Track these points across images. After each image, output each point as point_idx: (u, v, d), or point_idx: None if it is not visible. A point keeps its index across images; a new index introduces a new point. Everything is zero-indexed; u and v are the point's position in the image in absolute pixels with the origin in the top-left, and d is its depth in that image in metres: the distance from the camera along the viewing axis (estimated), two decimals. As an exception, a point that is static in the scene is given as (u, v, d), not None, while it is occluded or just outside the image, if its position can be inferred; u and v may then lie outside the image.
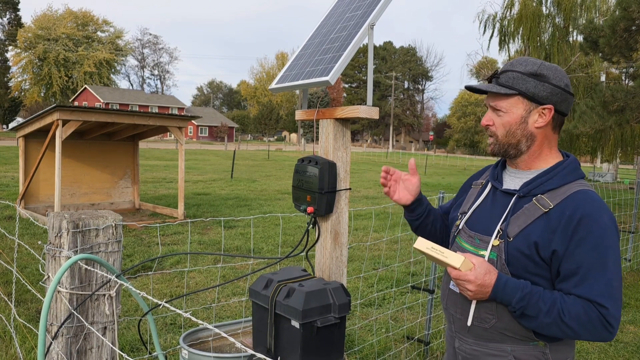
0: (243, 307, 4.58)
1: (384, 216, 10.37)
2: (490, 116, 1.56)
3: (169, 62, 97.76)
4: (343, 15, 2.21)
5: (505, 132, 1.52)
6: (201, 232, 7.96)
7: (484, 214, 1.59)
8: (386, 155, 45.91)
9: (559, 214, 1.43)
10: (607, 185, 16.86)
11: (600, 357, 3.99)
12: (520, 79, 1.48)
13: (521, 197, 1.52)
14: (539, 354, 1.48)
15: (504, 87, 1.50)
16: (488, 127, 1.57)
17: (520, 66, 1.50)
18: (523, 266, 1.45)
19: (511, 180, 1.60)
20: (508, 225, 1.48)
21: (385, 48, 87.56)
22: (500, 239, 1.48)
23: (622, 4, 9.07)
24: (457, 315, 1.60)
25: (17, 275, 4.97)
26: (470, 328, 1.55)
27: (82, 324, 1.67)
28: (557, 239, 1.41)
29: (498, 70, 1.53)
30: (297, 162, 2.11)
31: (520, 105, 1.50)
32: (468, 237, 1.59)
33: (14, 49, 57.10)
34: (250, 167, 23.53)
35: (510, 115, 1.51)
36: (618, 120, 9.63)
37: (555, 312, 1.38)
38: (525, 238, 1.44)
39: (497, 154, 1.57)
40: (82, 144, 9.65)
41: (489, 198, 1.62)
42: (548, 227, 1.42)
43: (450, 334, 1.68)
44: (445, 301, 1.66)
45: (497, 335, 1.50)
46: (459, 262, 1.40)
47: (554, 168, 1.52)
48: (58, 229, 1.65)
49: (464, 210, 1.68)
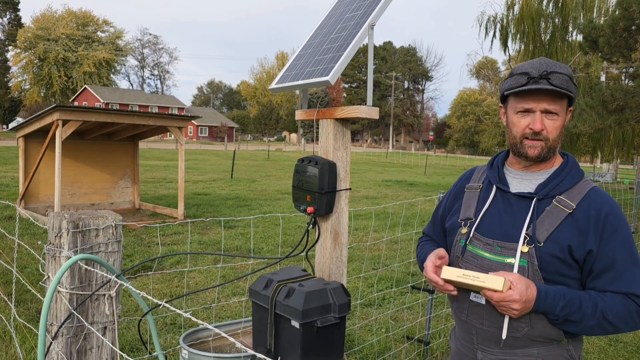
0: (243, 307, 4.58)
1: (384, 216, 10.37)
2: (542, 120, 1.47)
3: (169, 62, 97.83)
4: (343, 16, 2.21)
5: (556, 135, 1.48)
6: (201, 232, 7.96)
7: (499, 220, 1.53)
8: (386, 156, 45.92)
9: (584, 214, 1.43)
10: (607, 185, 16.86)
11: (600, 357, 3.99)
12: (569, 82, 1.46)
13: (540, 200, 1.49)
14: (564, 351, 1.49)
15: (564, 89, 1.44)
16: (541, 131, 1.47)
17: (559, 68, 1.46)
18: (557, 270, 1.43)
19: (519, 182, 1.56)
20: (535, 229, 1.44)
21: (385, 48, 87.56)
22: (528, 245, 1.44)
23: (622, 3, 9.07)
24: (483, 327, 1.52)
25: (17, 275, 4.97)
26: (502, 340, 1.50)
27: (82, 324, 1.67)
28: (590, 239, 1.41)
29: (547, 71, 1.45)
30: (297, 162, 2.11)
31: (565, 108, 1.50)
32: (484, 244, 1.52)
33: (14, 49, 57.10)
34: (250, 167, 23.53)
35: (562, 118, 1.48)
36: (617, 120, 9.63)
37: (599, 314, 1.39)
38: (557, 241, 1.42)
39: (542, 158, 1.50)
40: (82, 144, 9.65)
41: (499, 202, 1.56)
42: (577, 228, 1.43)
43: (470, 346, 1.60)
44: (466, 314, 1.57)
45: (526, 342, 1.48)
46: (501, 285, 1.34)
47: (563, 168, 1.52)
48: (58, 229, 1.65)
49: (467, 216, 1.60)
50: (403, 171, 27.52)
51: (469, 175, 1.74)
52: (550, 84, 1.42)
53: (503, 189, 1.56)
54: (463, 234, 1.58)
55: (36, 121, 8.24)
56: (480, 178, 1.68)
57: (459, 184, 1.75)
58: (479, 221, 1.56)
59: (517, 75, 1.49)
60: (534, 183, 1.53)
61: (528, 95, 1.47)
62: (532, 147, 1.49)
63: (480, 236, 1.54)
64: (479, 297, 1.51)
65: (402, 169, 29.50)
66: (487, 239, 1.52)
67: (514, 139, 1.52)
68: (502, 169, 1.63)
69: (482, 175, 1.69)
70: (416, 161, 40.54)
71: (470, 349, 1.60)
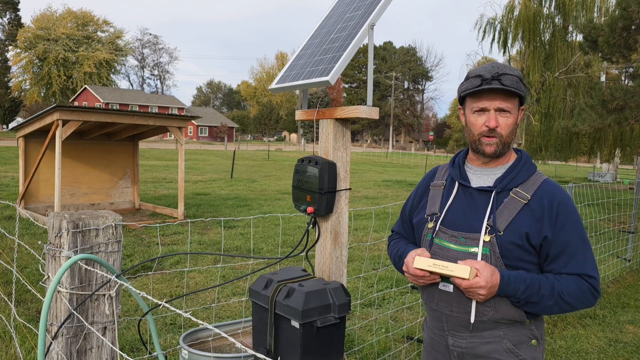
0: (243, 307, 4.58)
1: (384, 216, 10.37)
2: (496, 117, 1.59)
3: (168, 62, 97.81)
4: (343, 16, 2.21)
5: (509, 132, 1.61)
6: (201, 232, 7.96)
7: (462, 213, 1.64)
8: (386, 156, 45.92)
9: (538, 203, 1.56)
10: (607, 186, 16.85)
11: (599, 357, 3.99)
12: (519, 83, 1.58)
13: (498, 193, 1.61)
14: (527, 331, 1.61)
15: (513, 89, 1.56)
16: (495, 128, 1.58)
17: (510, 70, 1.58)
18: (516, 256, 1.54)
19: (479, 178, 1.67)
20: (495, 220, 1.56)
21: (385, 48, 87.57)
22: (490, 234, 1.55)
23: (621, 3, 9.07)
24: (452, 314, 1.63)
25: (17, 275, 4.97)
26: (471, 324, 1.60)
27: (82, 324, 1.67)
28: (545, 226, 1.54)
29: (498, 73, 1.57)
30: (297, 162, 2.11)
31: (517, 106, 1.62)
32: (450, 237, 1.63)
33: (14, 48, 57.08)
34: (250, 167, 23.54)
35: (514, 116, 1.60)
36: (617, 119, 9.64)
37: (556, 294, 1.51)
38: (516, 230, 1.54)
39: (498, 154, 1.62)
40: (82, 144, 9.65)
41: (461, 196, 1.67)
42: (533, 216, 1.55)
43: (440, 333, 1.70)
44: (436, 302, 1.67)
45: (492, 324, 1.59)
46: (467, 273, 1.46)
47: (517, 163, 1.65)
48: (58, 229, 1.65)
49: (433, 211, 1.71)
50: (403, 171, 27.53)
51: (433, 173, 1.86)
52: (502, 84, 1.55)
53: (464, 184, 1.68)
54: (430, 228, 1.69)
55: (36, 121, 8.23)
56: (443, 176, 1.79)
57: (424, 183, 1.86)
58: (443, 215, 1.67)
59: (472, 78, 1.61)
60: (492, 178, 1.65)
61: (482, 96, 1.59)
62: (489, 145, 1.61)
63: (445, 229, 1.65)
64: (447, 285, 1.61)
65: (402, 169, 29.50)
66: (452, 231, 1.63)
67: (473, 137, 1.64)
68: (462, 166, 1.75)
69: (444, 173, 1.80)
70: (416, 161, 40.56)
71: (442, 335, 1.70)
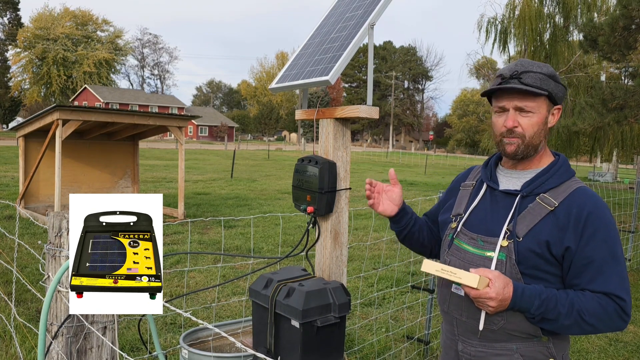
0: (243, 306, 4.58)
1: (383, 216, 10.35)
2: (516, 117, 1.52)
3: (168, 61, 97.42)
4: (343, 15, 2.21)
5: (533, 133, 1.52)
6: (201, 231, 7.96)
7: (485, 215, 1.59)
8: (386, 155, 45.91)
9: (565, 211, 1.46)
10: (607, 185, 16.85)
11: (600, 356, 3.99)
12: (545, 80, 1.50)
13: (524, 197, 1.53)
14: (543, 348, 1.50)
15: (535, 87, 1.49)
16: (514, 128, 1.52)
17: (536, 67, 1.51)
18: (534, 265, 1.46)
19: (508, 180, 1.61)
20: (515, 225, 1.49)
21: (385, 48, 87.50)
22: (508, 240, 1.48)
23: (622, 2, 9.06)
24: (462, 318, 1.57)
25: (17, 275, 4.97)
26: (479, 331, 1.54)
27: (82, 323, 1.67)
28: (569, 236, 1.44)
29: (517, 71, 1.51)
30: (297, 162, 2.11)
31: (544, 105, 1.54)
32: (469, 239, 1.58)
33: (13, 48, 57.05)
34: (250, 166, 23.53)
35: (538, 115, 1.52)
36: (617, 118, 9.63)
37: (575, 313, 1.41)
38: (535, 237, 1.45)
39: (520, 155, 1.55)
40: (82, 143, 9.65)
41: (487, 199, 1.62)
42: (557, 225, 1.45)
43: (452, 337, 1.64)
44: (447, 305, 1.63)
45: (504, 335, 1.51)
46: (476, 282, 1.38)
47: (551, 167, 1.56)
48: (58, 228, 1.65)
49: (458, 212, 1.67)
50: (403, 171, 27.51)
51: (466, 174, 1.82)
52: (522, 83, 1.49)
53: (492, 186, 1.62)
54: (452, 228, 1.66)
55: (36, 121, 8.23)
56: (475, 177, 1.75)
57: (455, 182, 1.83)
58: (467, 217, 1.63)
59: (496, 77, 1.58)
60: (521, 181, 1.58)
61: (502, 95, 1.54)
62: (509, 144, 1.54)
63: (466, 231, 1.61)
64: (459, 288, 1.55)
65: (402, 169, 29.49)
66: (472, 233, 1.58)
67: (496, 138, 1.60)
68: (494, 168, 1.69)
69: (477, 174, 1.75)
70: (416, 161, 40.53)
71: (453, 340, 1.64)
